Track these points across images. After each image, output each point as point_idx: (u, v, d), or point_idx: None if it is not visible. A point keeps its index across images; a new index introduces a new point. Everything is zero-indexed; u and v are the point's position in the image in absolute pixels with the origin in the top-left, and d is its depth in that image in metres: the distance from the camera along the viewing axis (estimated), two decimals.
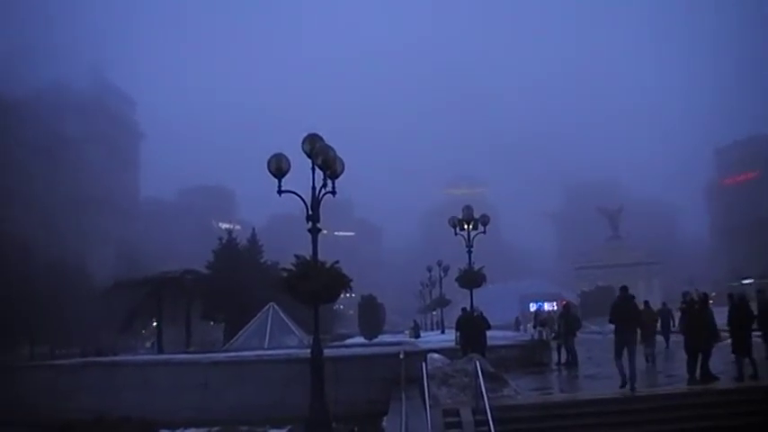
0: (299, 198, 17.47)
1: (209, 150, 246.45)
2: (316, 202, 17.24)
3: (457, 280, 33.93)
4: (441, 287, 66.75)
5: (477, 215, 34.56)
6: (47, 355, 56.02)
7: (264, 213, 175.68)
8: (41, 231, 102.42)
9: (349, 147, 19.06)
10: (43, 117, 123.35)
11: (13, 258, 73.90)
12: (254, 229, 69.99)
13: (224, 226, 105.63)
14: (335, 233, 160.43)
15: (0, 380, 23.23)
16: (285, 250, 26.34)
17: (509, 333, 43.88)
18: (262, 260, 62.34)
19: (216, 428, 18.51)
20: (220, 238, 62.55)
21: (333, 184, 17.25)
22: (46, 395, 20.96)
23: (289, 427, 17.78)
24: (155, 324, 49.49)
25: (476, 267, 33.28)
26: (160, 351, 43.07)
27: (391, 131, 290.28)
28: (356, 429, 17.57)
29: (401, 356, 19.31)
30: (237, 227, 76.31)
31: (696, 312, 18.70)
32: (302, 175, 17.28)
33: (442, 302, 69.71)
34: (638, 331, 18.98)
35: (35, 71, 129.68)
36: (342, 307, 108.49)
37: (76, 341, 72.38)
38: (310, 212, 17.33)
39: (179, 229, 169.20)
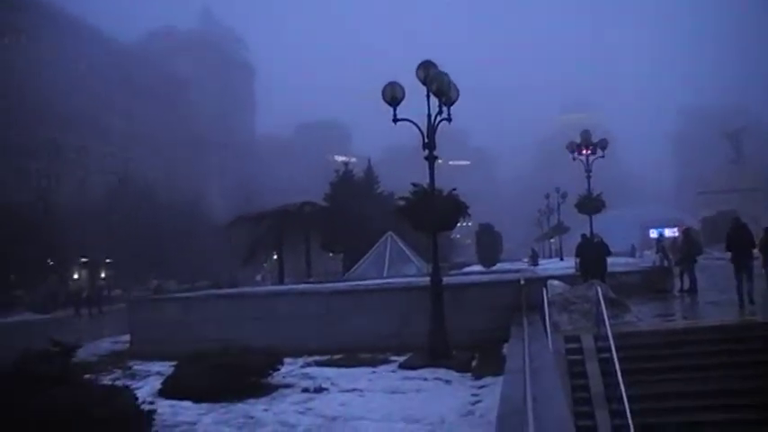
0: (413, 128, 17.29)
1: (322, 86, 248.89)
2: (431, 129, 17.03)
3: (576, 206, 33.38)
4: (558, 214, 65.83)
5: (594, 140, 33.76)
6: (173, 290, 58.36)
7: (379, 146, 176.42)
8: (163, 173, 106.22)
9: (462, 75, 18.57)
10: (156, 60, 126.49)
11: (138, 200, 77.05)
12: (369, 160, 70.31)
13: (340, 159, 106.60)
14: (450, 162, 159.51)
15: (130, 314, 24.25)
16: (400, 181, 26.22)
17: (629, 259, 42.88)
18: (378, 191, 62.67)
19: (338, 356, 18.76)
20: (337, 171, 63.12)
21: (448, 110, 16.99)
22: (174, 327, 21.74)
23: (409, 354, 17.85)
24: (275, 257, 50.67)
25: (594, 193, 32.58)
26: (281, 282, 44.12)
27: (503, 59, 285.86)
28: (476, 356, 17.49)
29: (522, 283, 19.02)
30: (353, 159, 76.82)
31: None
32: (417, 104, 17.04)
33: (560, 230, 68.79)
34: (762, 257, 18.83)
35: (145, 14, 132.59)
36: (459, 236, 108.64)
37: (200, 275, 75.20)
38: (426, 140, 17.15)
39: (296, 164, 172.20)
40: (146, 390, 14.84)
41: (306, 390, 15.12)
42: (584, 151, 33.44)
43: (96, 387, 10.39)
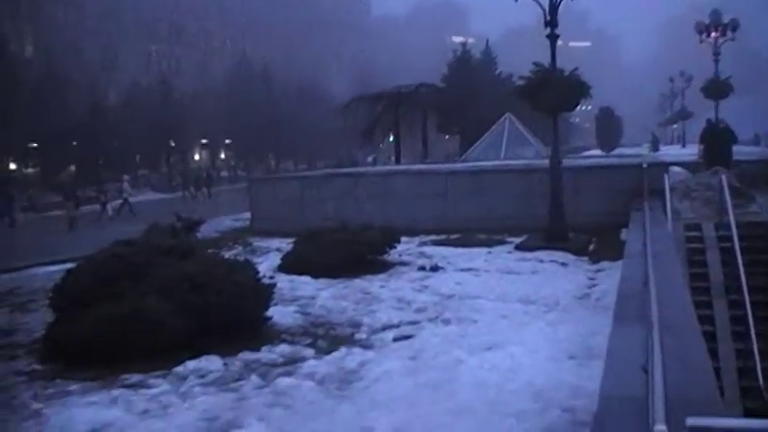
0: (533, 9, 16.73)
1: None
2: (553, 6, 16.37)
3: (702, 90, 31.96)
4: (682, 99, 63.02)
5: (724, 20, 32.00)
6: (291, 170, 59.44)
7: (498, 27, 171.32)
8: (281, 55, 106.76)
9: None
10: None
11: (257, 82, 77.99)
12: (487, 41, 68.37)
13: (458, 40, 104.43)
14: (571, 44, 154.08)
15: (250, 193, 24.79)
16: (519, 65, 25.51)
17: (755, 148, 40.86)
18: (496, 72, 61.20)
19: (454, 236, 18.80)
20: (454, 51, 61.71)
21: None
22: (293, 205, 22.19)
23: (526, 236, 17.71)
24: (391, 138, 50.70)
25: (722, 77, 31.13)
26: (398, 164, 44.27)
27: None
28: (594, 240, 17.21)
29: (644, 166, 18.41)
30: (471, 40, 75.04)
31: None
32: None
33: (683, 115, 65.84)
34: None
35: None
36: (578, 120, 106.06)
37: (318, 156, 76.25)
38: (548, 17, 16.53)
39: (412, 45, 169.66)
40: (265, 265, 15.27)
41: (422, 268, 15.26)
42: (712, 33, 31.79)
43: (219, 261, 10.69)
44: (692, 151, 31.82)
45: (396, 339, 10.01)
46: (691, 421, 2.65)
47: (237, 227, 24.25)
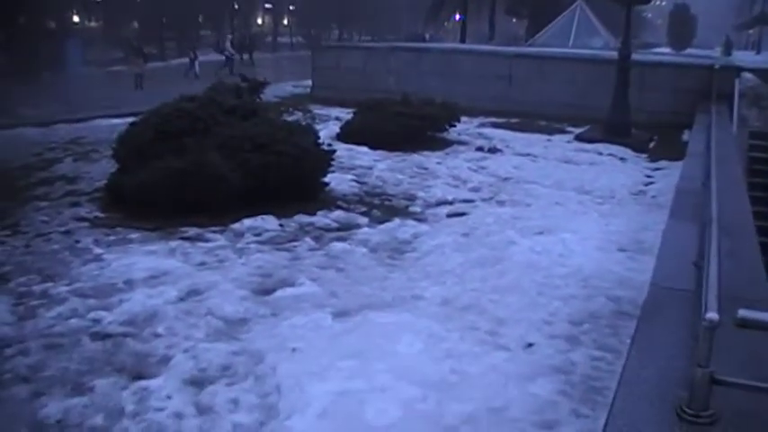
0: None
1: None
2: None
3: None
4: (763, 1, 60.30)
5: None
6: (354, 40, 58.66)
7: None
8: None
9: None
10: None
11: None
12: None
13: None
14: None
15: (313, 60, 24.62)
16: None
17: None
18: None
19: (514, 120, 18.67)
20: None
21: None
22: (355, 76, 22.07)
23: (587, 126, 17.50)
24: (457, 17, 49.65)
25: None
26: (462, 43, 43.50)
27: None
28: (655, 138, 16.94)
29: (715, 68, 17.89)
30: None
31: None
32: None
33: (763, 20, 63.06)
34: None
35: None
36: (650, 15, 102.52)
37: (381, 29, 75.05)
38: None
39: None
40: (324, 133, 15.30)
41: (480, 149, 15.25)
42: None
43: (281, 123, 10.79)
44: (766, 59, 30.71)
45: (449, 215, 10.13)
46: (742, 313, 2.69)
47: (297, 93, 24.24)
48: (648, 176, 13.46)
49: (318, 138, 10.95)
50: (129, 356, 5.67)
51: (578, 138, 16.90)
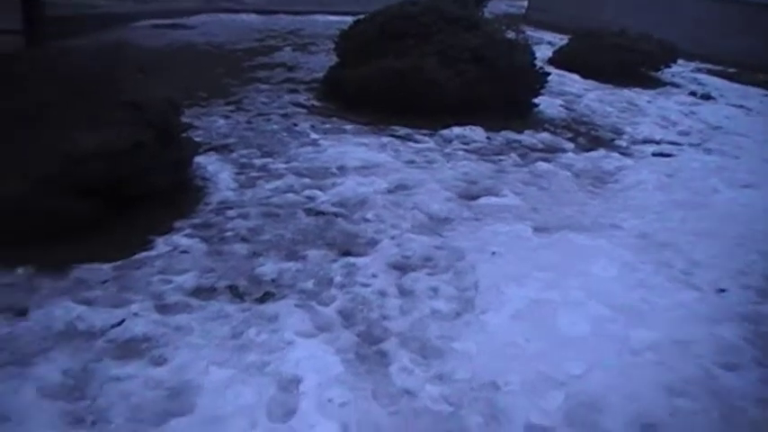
0: None
1: None
2: None
3: None
4: None
5: None
6: None
7: None
8: None
9: None
10: None
11: None
12: None
13: None
14: None
15: None
16: None
17: None
18: None
19: (731, 69, 17.75)
20: None
21: None
22: (572, 2, 21.52)
23: None
24: None
25: None
26: None
27: None
28: None
29: None
30: None
31: None
32: None
33: None
34: None
35: None
36: None
37: None
38: None
39: None
40: (537, 55, 15.19)
41: (692, 93, 14.64)
42: None
43: (502, 38, 10.76)
44: None
45: (654, 154, 9.91)
46: None
47: (511, 13, 23.99)
48: None
49: (535, 58, 10.90)
50: (339, 234, 6.05)
51: None
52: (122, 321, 4.51)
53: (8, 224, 5.12)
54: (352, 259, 5.61)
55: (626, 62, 14.49)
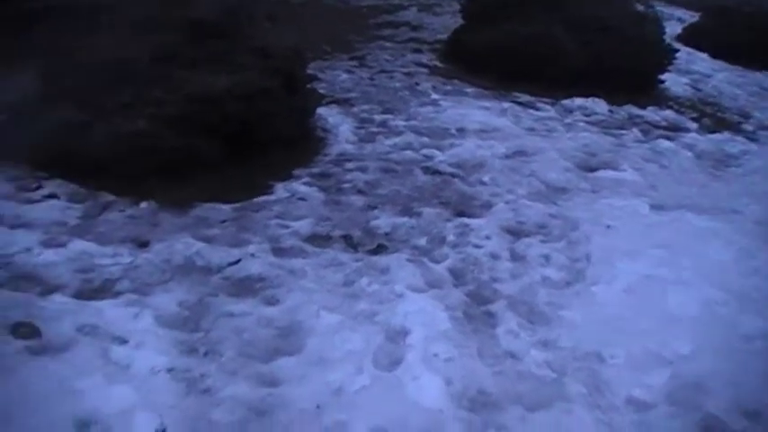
0: None
1: None
2: None
3: None
4: None
5: None
6: None
7: None
8: None
9: None
10: None
11: None
12: None
13: None
14: None
15: None
16: None
17: None
18: None
19: None
20: None
21: None
22: None
23: None
24: None
25: None
26: None
27: None
28: None
29: None
30: None
31: None
32: None
33: None
34: None
35: None
36: None
37: None
38: None
39: None
40: (666, 31, 14.78)
41: None
42: None
43: (631, 10, 10.54)
44: None
45: None
46: None
47: None
48: None
49: (665, 33, 10.64)
50: (455, 194, 6.14)
51: None
52: (239, 260, 4.74)
53: (136, 160, 5.39)
54: (466, 220, 5.69)
55: (762, 43, 13.84)
